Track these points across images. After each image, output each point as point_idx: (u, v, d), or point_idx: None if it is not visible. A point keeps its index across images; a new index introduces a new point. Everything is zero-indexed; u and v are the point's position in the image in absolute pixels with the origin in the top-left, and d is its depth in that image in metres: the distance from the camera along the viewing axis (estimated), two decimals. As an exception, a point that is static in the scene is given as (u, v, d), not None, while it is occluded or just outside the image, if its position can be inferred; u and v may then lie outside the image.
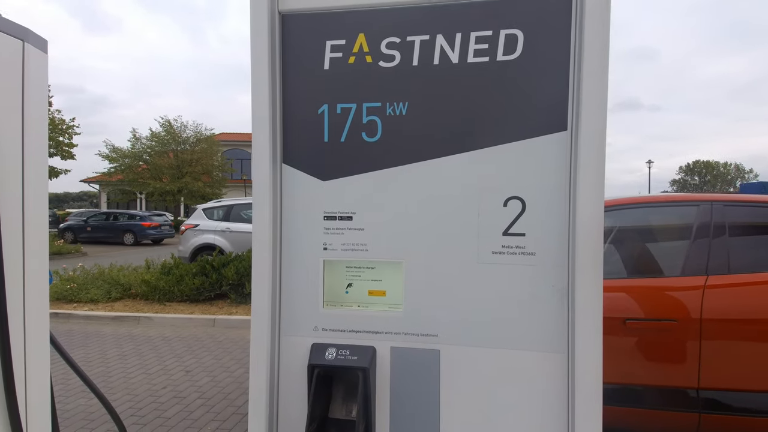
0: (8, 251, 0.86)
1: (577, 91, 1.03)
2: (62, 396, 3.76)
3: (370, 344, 1.14)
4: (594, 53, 1.01)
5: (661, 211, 2.92)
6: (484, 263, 1.09)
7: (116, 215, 21.72)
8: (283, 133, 1.18)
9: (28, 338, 0.91)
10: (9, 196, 0.87)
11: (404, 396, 1.13)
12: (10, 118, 0.89)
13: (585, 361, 1.02)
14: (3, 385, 0.85)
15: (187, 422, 3.39)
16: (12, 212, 0.88)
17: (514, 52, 1.07)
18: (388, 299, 1.15)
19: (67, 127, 19.72)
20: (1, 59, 0.87)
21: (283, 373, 1.18)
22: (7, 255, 0.85)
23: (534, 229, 1.08)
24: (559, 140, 1.06)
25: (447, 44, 1.10)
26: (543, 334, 1.07)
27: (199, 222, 10.00)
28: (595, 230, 1.01)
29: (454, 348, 1.11)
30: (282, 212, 1.18)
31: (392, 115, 1.13)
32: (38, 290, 0.94)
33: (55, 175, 19.92)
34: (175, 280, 7.09)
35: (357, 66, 1.14)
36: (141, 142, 27.48)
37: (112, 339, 5.60)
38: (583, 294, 1.02)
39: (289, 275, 1.18)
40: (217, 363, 4.72)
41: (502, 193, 1.09)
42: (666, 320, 2.41)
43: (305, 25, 1.16)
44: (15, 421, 0.87)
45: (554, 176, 1.06)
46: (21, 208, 0.90)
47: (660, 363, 2.46)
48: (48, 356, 0.98)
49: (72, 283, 7.36)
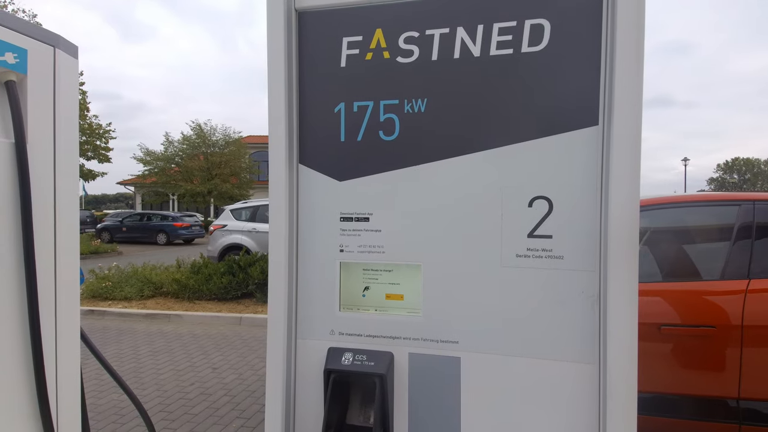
0: (40, 251, 0.88)
1: (609, 83, 0.96)
2: (95, 391, 3.90)
3: (388, 350, 1.10)
4: (628, 41, 0.94)
5: (698, 212, 2.77)
6: (508, 267, 1.04)
7: (150, 216, 22.51)
8: (299, 133, 1.16)
9: (59, 335, 0.94)
10: (41, 198, 0.90)
11: (423, 404, 1.09)
12: (42, 122, 0.91)
13: (618, 374, 0.95)
14: (35, 380, 0.88)
15: (213, 419, 3.45)
16: (44, 213, 0.91)
17: (540, 43, 1.01)
18: (406, 303, 1.12)
19: (103, 131, 20.61)
20: (32, 65, 0.89)
21: (299, 376, 1.16)
22: (39, 255, 0.88)
23: (562, 230, 1.01)
24: (589, 136, 0.99)
25: (468, 37, 1.05)
26: (571, 343, 1.01)
27: (226, 222, 10.24)
28: (629, 232, 0.94)
29: (475, 356, 1.06)
30: (298, 213, 1.16)
31: (410, 113, 1.09)
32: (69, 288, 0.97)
33: (93, 178, 20.85)
34: (204, 279, 7.27)
35: (374, 62, 1.11)
36: (173, 146, 28.42)
37: (144, 336, 5.79)
38: (616, 301, 0.95)
39: (305, 277, 1.16)
40: (242, 360, 4.80)
41: (527, 193, 1.03)
42: (704, 326, 2.30)
43: (322, 22, 1.14)
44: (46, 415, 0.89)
45: (584, 174, 1.00)
46: (53, 209, 0.93)
47: (697, 371, 2.35)
48: (78, 352, 1.00)
49: (107, 282, 7.66)
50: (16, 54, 0.87)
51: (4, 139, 0.85)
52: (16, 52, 0.87)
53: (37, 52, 0.90)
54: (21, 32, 0.88)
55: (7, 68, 0.85)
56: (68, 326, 0.97)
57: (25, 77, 0.88)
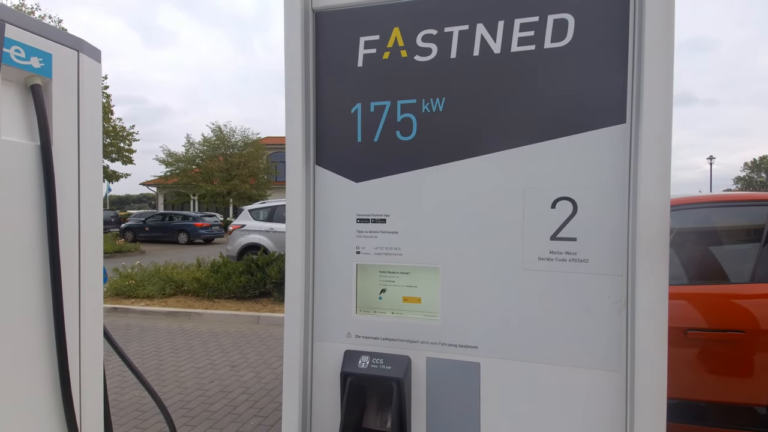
0: (65, 251, 0.90)
1: (637, 79, 0.92)
2: (118, 388, 3.99)
3: (405, 353, 1.09)
4: (658, 33, 0.89)
5: (726, 212, 2.67)
6: (530, 270, 1.01)
7: (171, 216, 23.00)
8: (316, 134, 1.15)
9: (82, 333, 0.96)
10: (66, 199, 0.92)
11: (441, 410, 1.07)
12: (66, 125, 0.93)
13: (646, 383, 0.90)
14: (59, 376, 0.90)
15: (231, 416, 3.50)
16: (68, 213, 0.93)
17: (564, 39, 0.98)
18: (423, 306, 1.10)
19: (127, 134, 21.16)
20: (57, 69, 0.91)
21: (316, 378, 1.15)
22: (64, 254, 0.90)
23: (587, 233, 0.97)
24: (616, 134, 0.95)
25: (488, 33, 1.02)
26: (597, 349, 0.97)
27: (245, 222, 10.38)
28: (659, 235, 0.90)
29: (495, 361, 1.03)
30: (315, 215, 1.16)
31: (428, 112, 1.07)
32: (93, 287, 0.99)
33: (116, 179, 21.43)
34: (223, 278, 7.39)
35: (391, 62, 1.09)
36: (194, 147, 28.98)
37: (166, 333, 5.90)
38: (645, 308, 0.90)
39: (321, 279, 1.15)
40: (260, 359, 4.85)
41: (550, 194, 0.99)
42: (732, 331, 2.21)
43: (339, 21, 1.13)
44: (69, 411, 0.91)
45: (610, 174, 0.95)
46: (77, 209, 0.95)
47: (725, 377, 2.27)
48: (101, 350, 1.02)
49: (130, 280, 7.85)
50: (42, 58, 0.88)
51: (30, 142, 0.87)
52: (41, 56, 0.88)
53: (61, 56, 0.92)
54: (46, 37, 0.89)
55: (32, 72, 0.87)
56: (92, 324, 0.98)
57: (50, 81, 0.90)
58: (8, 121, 0.84)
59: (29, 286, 0.86)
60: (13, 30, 0.84)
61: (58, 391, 0.90)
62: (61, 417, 0.91)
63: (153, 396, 1.27)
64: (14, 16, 0.84)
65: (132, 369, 1.23)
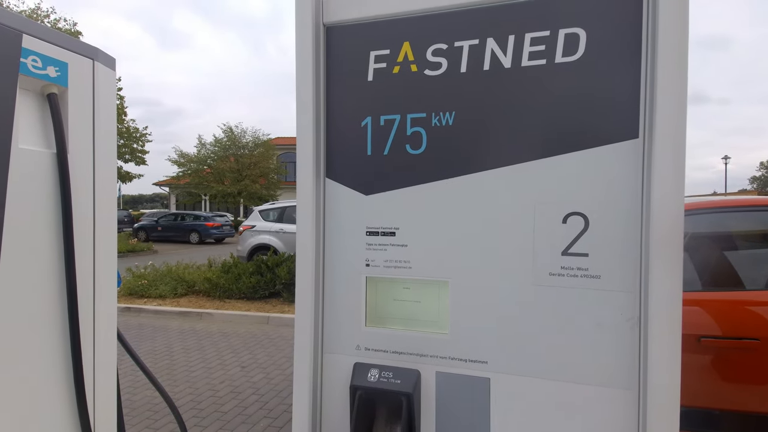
0: (80, 256, 0.92)
1: (650, 94, 0.91)
2: (130, 388, 4.05)
3: (414, 367, 1.09)
4: (671, 48, 0.88)
5: (742, 216, 2.62)
6: (541, 285, 1.00)
7: (183, 216, 23.27)
8: (326, 147, 1.16)
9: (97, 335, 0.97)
10: (81, 205, 0.93)
11: (451, 425, 1.06)
12: (82, 133, 0.94)
13: (660, 402, 0.89)
14: (73, 377, 0.91)
15: (241, 417, 3.53)
16: (84, 219, 0.94)
17: (576, 53, 0.97)
18: (433, 320, 1.09)
19: (140, 135, 21.44)
20: (73, 77, 0.92)
21: (326, 391, 1.16)
22: (79, 259, 0.91)
23: (599, 248, 0.96)
24: (629, 149, 0.94)
25: (498, 48, 1.02)
26: (608, 367, 0.96)
27: (255, 223, 10.45)
28: (673, 252, 0.89)
29: (505, 377, 1.02)
30: (325, 227, 1.16)
31: (438, 126, 1.07)
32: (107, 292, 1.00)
33: (130, 179, 21.74)
34: (234, 279, 7.46)
35: (401, 76, 1.09)
36: (206, 148, 29.28)
37: (177, 333, 5.98)
38: (658, 325, 0.89)
39: (331, 291, 1.16)
40: (270, 360, 4.88)
41: (561, 209, 0.99)
42: (747, 339, 2.17)
43: (349, 36, 1.13)
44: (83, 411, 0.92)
45: (623, 190, 0.94)
46: (92, 215, 0.96)
47: (739, 386, 2.23)
48: (114, 351, 1.04)
49: (143, 280, 7.96)
50: (58, 68, 0.90)
51: (46, 150, 0.88)
52: (57, 65, 0.90)
53: (76, 65, 0.93)
54: (62, 46, 0.91)
55: (49, 81, 0.88)
56: (106, 327, 1.00)
57: (66, 90, 0.91)
58: (25, 129, 0.85)
59: (45, 290, 0.88)
60: (30, 40, 0.84)
61: (73, 392, 0.91)
62: (76, 417, 0.92)
63: (164, 397, 1.28)
64: (31, 26, 0.85)
65: (144, 371, 1.25)
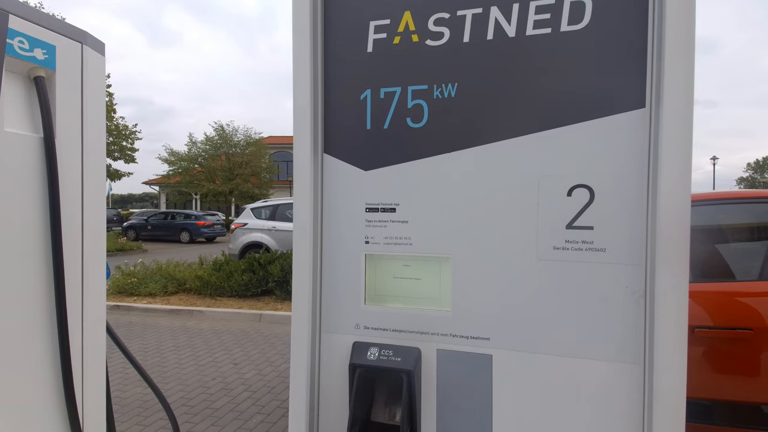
0: (68, 244, 0.89)
1: (657, 63, 0.89)
2: (120, 384, 3.97)
3: (415, 345, 1.06)
4: (679, 14, 0.86)
5: (733, 209, 2.64)
6: (544, 260, 0.98)
7: (174, 215, 23.01)
8: (324, 122, 1.13)
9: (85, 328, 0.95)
10: (69, 191, 0.90)
11: (452, 403, 1.04)
12: (69, 117, 0.92)
13: (666, 375, 0.88)
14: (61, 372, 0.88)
15: (233, 414, 3.48)
16: (72, 206, 0.91)
17: (581, 21, 0.95)
18: (434, 297, 1.07)
19: (129, 132, 21.18)
20: (61, 61, 0.89)
21: (323, 371, 1.13)
22: (67, 248, 0.88)
23: (604, 221, 0.95)
24: (635, 119, 0.92)
25: (502, 16, 1.00)
26: (614, 341, 0.94)
27: (247, 221, 10.36)
28: (680, 223, 0.87)
29: (508, 353, 1.00)
30: (323, 204, 1.13)
31: (440, 98, 1.04)
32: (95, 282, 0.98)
33: (119, 178, 21.46)
34: (226, 276, 7.38)
35: (402, 46, 1.07)
36: (197, 146, 29.01)
37: (168, 331, 5.89)
38: (664, 297, 0.88)
39: (330, 269, 1.13)
40: (262, 357, 4.83)
41: (566, 181, 0.97)
42: (740, 329, 2.18)
43: (348, 6, 1.10)
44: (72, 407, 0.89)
45: (629, 161, 0.93)
46: (80, 201, 0.93)
47: (732, 376, 2.24)
48: (104, 345, 1.01)
49: (133, 278, 7.84)
50: (45, 50, 0.87)
51: (33, 134, 0.85)
52: (44, 48, 0.87)
53: (65, 48, 0.91)
54: (49, 28, 0.88)
55: (36, 64, 0.86)
56: (94, 319, 0.97)
57: (53, 73, 0.89)
58: (11, 112, 0.83)
59: (32, 279, 0.85)
60: (17, 21, 0.82)
61: (61, 387, 0.89)
62: (64, 413, 0.89)
63: (156, 393, 1.25)
64: (18, 7, 0.83)
65: (135, 365, 1.21)
